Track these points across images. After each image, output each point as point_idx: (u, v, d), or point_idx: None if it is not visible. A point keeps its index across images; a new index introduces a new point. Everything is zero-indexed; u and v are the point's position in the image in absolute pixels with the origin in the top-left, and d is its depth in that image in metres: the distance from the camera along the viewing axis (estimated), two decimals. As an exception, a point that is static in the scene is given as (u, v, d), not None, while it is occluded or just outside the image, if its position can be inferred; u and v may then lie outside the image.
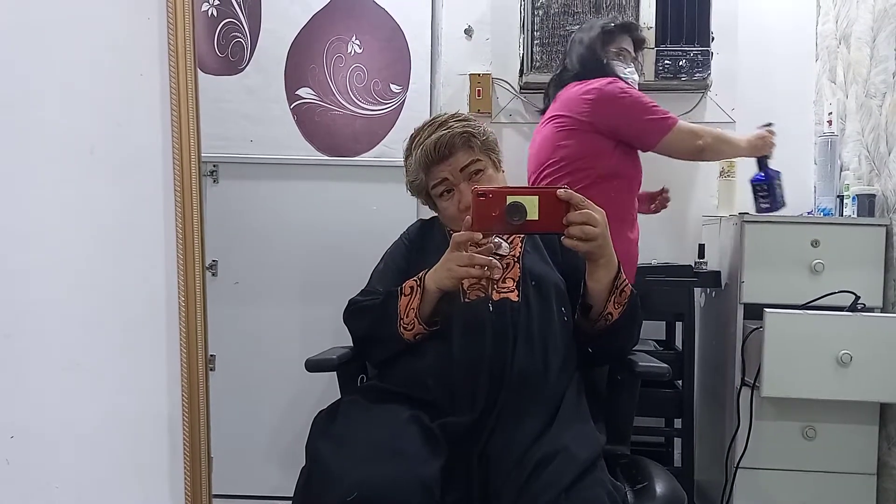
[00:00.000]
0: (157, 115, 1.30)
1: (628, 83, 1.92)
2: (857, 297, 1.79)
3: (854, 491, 1.88)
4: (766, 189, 2.00)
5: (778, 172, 2.01)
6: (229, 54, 2.35)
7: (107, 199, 1.30)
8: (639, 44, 2.04)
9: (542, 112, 2.05)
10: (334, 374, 1.40)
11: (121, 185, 1.30)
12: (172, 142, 1.30)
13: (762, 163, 2.00)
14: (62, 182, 1.27)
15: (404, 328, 1.26)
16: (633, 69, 2.00)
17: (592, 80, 1.89)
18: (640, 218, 2.08)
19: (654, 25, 2.30)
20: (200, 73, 1.59)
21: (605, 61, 1.94)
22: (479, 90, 2.42)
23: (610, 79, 1.89)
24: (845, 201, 2.08)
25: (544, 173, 1.91)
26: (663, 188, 2.21)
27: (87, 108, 1.28)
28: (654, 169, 2.43)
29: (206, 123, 1.49)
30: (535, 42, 2.30)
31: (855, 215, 1.99)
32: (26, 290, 1.26)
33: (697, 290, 2.22)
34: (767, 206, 2.01)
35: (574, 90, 1.91)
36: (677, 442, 2.19)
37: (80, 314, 1.28)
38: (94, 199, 1.29)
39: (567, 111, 1.89)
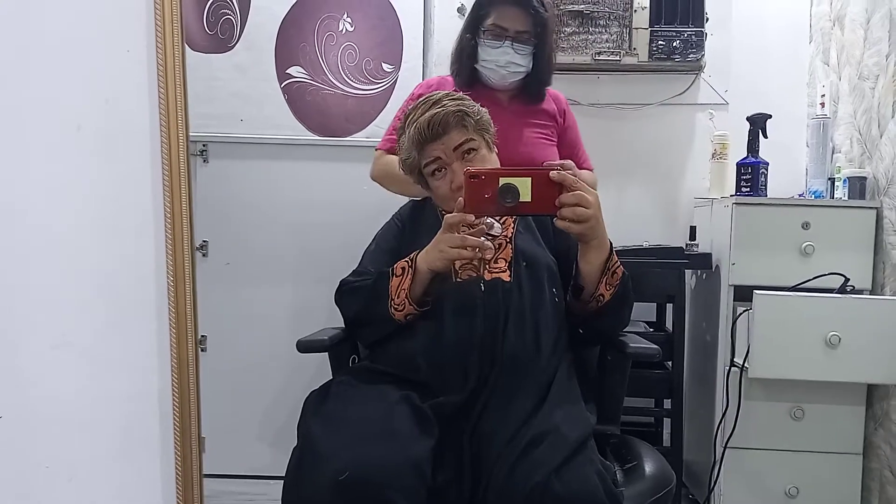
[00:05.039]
0: (145, 91, 1.28)
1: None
2: (847, 280, 1.80)
3: (841, 470, 1.91)
4: None
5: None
6: (219, 31, 2.32)
7: (94, 178, 1.28)
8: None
9: None
10: (326, 354, 1.40)
11: (108, 162, 1.29)
12: (160, 119, 1.28)
13: None
14: (49, 160, 1.25)
15: (395, 309, 1.26)
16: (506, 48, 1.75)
17: None
18: (634, 199, 2.08)
19: (648, 5, 2.28)
20: (189, 51, 1.56)
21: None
22: (471, 70, 2.39)
23: None
24: (836, 184, 2.08)
25: None
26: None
27: (74, 84, 1.26)
28: (649, 151, 2.44)
29: (196, 102, 1.47)
30: (529, 21, 2.28)
31: (846, 198, 1.99)
32: (14, 269, 1.24)
33: (688, 272, 2.23)
34: None
35: None
36: (666, 422, 2.21)
37: (68, 293, 1.27)
38: (82, 178, 1.27)
39: None
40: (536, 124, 1.86)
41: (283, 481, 1.10)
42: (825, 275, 1.83)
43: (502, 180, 1.13)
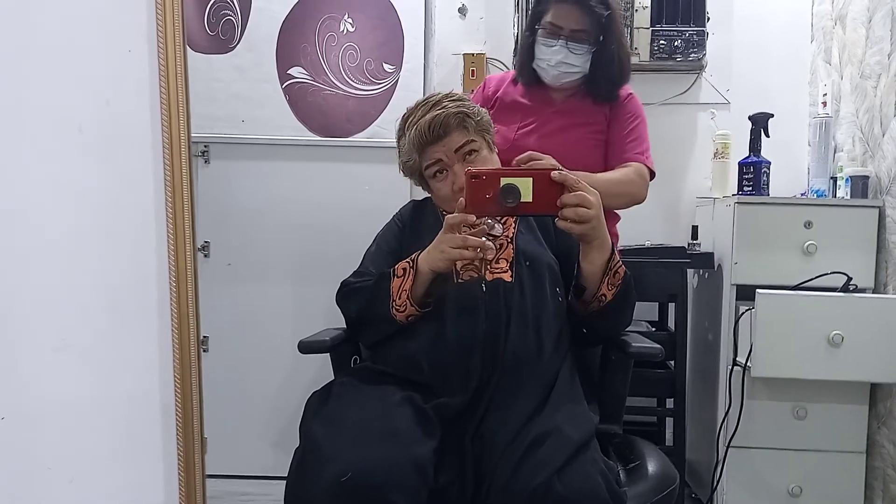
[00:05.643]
0: (146, 92, 1.28)
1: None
2: (849, 279, 1.80)
3: (844, 469, 1.91)
4: None
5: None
6: (220, 32, 2.32)
7: (95, 179, 1.28)
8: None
9: None
10: (328, 355, 1.40)
11: (109, 163, 1.29)
12: (161, 120, 1.28)
13: None
14: (50, 161, 1.25)
15: (396, 310, 1.25)
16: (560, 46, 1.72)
17: None
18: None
19: (649, 5, 2.28)
20: (190, 52, 1.57)
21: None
22: (473, 70, 2.40)
23: None
24: (839, 183, 2.08)
25: None
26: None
27: (75, 85, 1.26)
28: (651, 150, 2.43)
29: (197, 103, 1.47)
30: (530, 21, 2.28)
31: (848, 197, 1.99)
32: (16, 271, 1.24)
33: (690, 272, 2.23)
34: None
35: None
36: (669, 421, 2.20)
37: (70, 295, 1.27)
38: (83, 179, 1.27)
39: None
40: (586, 124, 1.78)
41: (285, 482, 1.10)
42: (828, 274, 1.83)
43: (503, 180, 1.13)
